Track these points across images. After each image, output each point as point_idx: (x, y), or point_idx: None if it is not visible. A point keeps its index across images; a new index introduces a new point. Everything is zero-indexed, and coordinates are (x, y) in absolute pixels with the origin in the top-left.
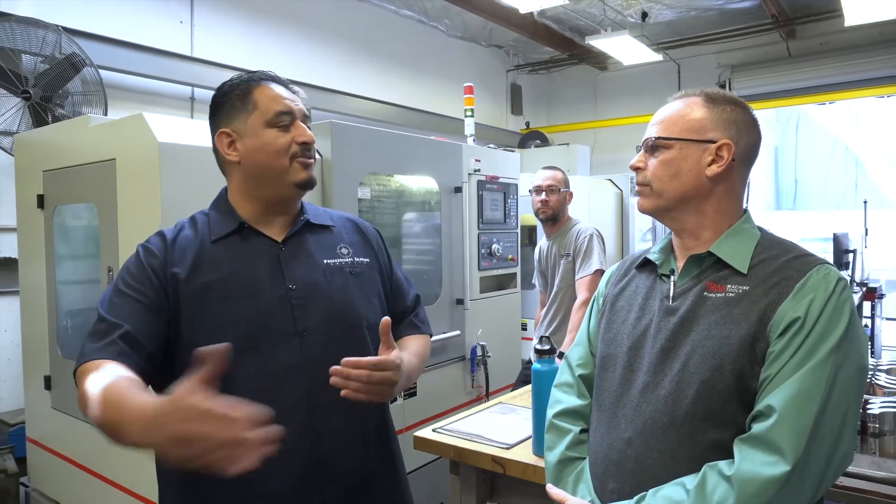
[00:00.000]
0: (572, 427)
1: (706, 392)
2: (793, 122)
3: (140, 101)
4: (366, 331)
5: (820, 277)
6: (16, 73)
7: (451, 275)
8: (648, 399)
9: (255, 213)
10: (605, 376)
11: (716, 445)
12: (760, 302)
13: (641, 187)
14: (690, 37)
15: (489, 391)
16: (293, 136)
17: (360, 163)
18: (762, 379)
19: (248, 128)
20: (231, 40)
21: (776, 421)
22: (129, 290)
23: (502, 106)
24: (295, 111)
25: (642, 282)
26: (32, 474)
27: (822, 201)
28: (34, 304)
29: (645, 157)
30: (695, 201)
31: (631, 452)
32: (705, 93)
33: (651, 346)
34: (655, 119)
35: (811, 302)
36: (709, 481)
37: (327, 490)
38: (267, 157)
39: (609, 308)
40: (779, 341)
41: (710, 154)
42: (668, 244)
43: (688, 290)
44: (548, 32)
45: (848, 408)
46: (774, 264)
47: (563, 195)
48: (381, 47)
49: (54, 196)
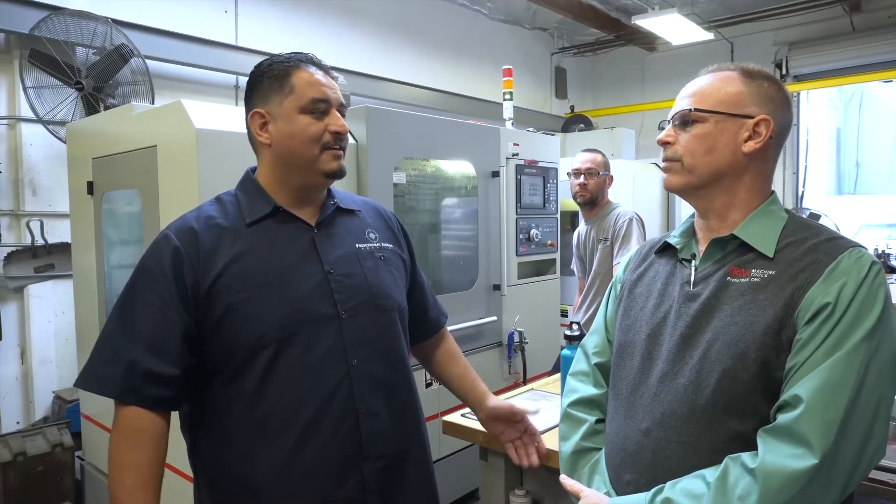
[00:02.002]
0: (588, 417)
1: (728, 381)
2: (855, 101)
3: (185, 90)
4: (397, 314)
5: (852, 261)
6: (69, 65)
7: (487, 260)
8: (667, 388)
9: (286, 197)
10: (622, 364)
11: (737, 437)
12: (787, 287)
13: (670, 163)
14: (745, 13)
15: (527, 378)
16: (326, 125)
17: (395, 147)
18: (788, 367)
19: (283, 111)
20: (274, 28)
21: (803, 411)
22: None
23: (546, 90)
24: (331, 99)
25: (662, 267)
26: (87, 448)
27: (885, 185)
28: (86, 288)
29: (675, 131)
30: (728, 179)
31: (648, 443)
32: (741, 67)
33: (671, 333)
34: (687, 91)
35: (842, 287)
36: (731, 474)
37: (365, 470)
38: (298, 145)
39: (627, 294)
40: (807, 328)
41: (748, 130)
42: (690, 227)
43: (710, 274)
44: (593, 13)
45: (880, 399)
46: (802, 247)
47: (603, 178)
48: (423, 32)
49: (102, 183)
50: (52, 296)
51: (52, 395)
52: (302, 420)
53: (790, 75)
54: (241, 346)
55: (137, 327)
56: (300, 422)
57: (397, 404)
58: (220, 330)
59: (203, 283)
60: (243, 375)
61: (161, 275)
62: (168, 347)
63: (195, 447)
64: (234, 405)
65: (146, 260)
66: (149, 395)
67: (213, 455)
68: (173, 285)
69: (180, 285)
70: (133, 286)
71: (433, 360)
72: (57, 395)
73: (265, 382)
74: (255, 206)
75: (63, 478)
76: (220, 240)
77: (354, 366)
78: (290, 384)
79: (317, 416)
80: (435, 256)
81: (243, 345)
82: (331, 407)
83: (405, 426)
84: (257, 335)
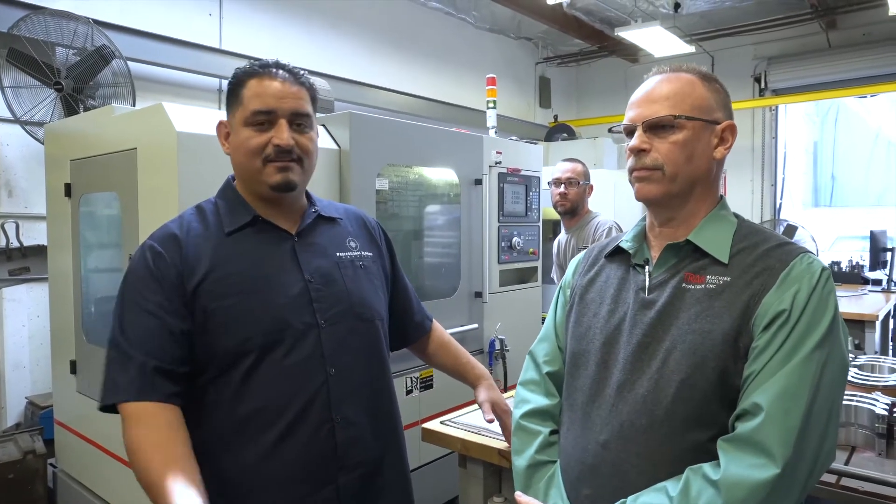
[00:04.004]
0: (541, 428)
1: (687, 391)
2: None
3: (168, 93)
4: (378, 323)
5: (804, 267)
6: (49, 65)
7: (469, 268)
8: (625, 399)
9: (260, 206)
10: (576, 374)
11: (697, 447)
12: (743, 294)
13: (649, 171)
14: (725, 28)
15: (508, 385)
16: (269, 138)
17: (378, 154)
18: (746, 375)
19: (234, 123)
20: (259, 32)
21: (763, 420)
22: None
23: (530, 98)
24: (278, 109)
25: (614, 272)
26: (60, 455)
27: (860, 198)
28: (62, 291)
29: (648, 137)
30: (700, 187)
31: (608, 456)
32: (697, 71)
33: (626, 341)
34: (652, 95)
35: (796, 293)
36: (693, 486)
37: (341, 480)
38: (242, 157)
39: (578, 300)
40: (763, 335)
41: (717, 136)
42: (641, 231)
43: (665, 281)
44: (577, 24)
45: (833, 404)
46: (755, 253)
47: (583, 188)
48: (408, 40)
49: (80, 185)
50: (26, 299)
51: (25, 401)
52: (279, 426)
53: (769, 89)
54: (222, 351)
55: (137, 334)
56: (277, 427)
57: (375, 413)
58: (204, 335)
59: (188, 287)
60: (224, 379)
61: (152, 281)
62: (168, 348)
63: None
64: (214, 406)
65: (132, 270)
66: (163, 391)
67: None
68: (164, 290)
69: (168, 289)
70: (123, 298)
71: (426, 356)
72: (30, 401)
73: (245, 387)
74: (235, 215)
75: (34, 485)
76: (201, 247)
77: (332, 375)
78: (270, 390)
79: (294, 423)
80: (417, 263)
81: (224, 350)
82: (308, 414)
83: (382, 436)
84: (239, 342)
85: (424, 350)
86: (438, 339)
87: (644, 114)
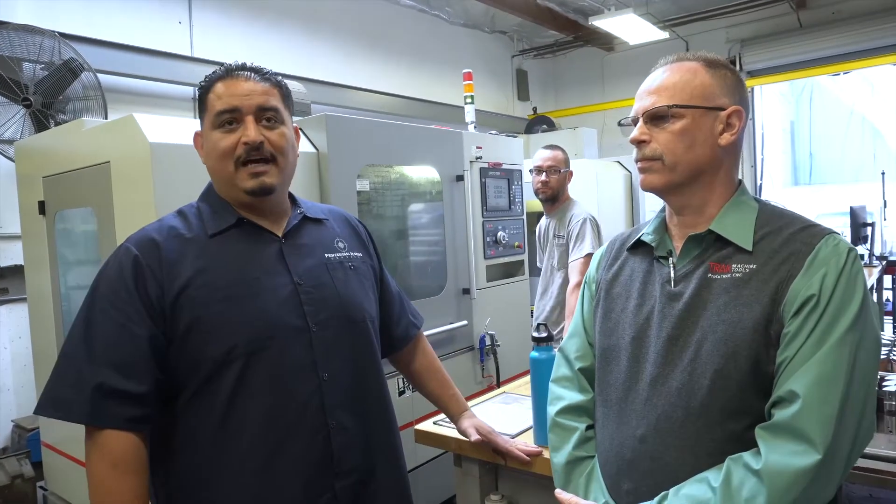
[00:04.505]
0: (577, 424)
1: (721, 382)
2: (806, 95)
3: (141, 104)
4: (369, 325)
5: (830, 249)
6: (16, 81)
7: (455, 264)
8: (659, 392)
9: (243, 210)
10: (608, 369)
11: (734, 437)
12: (771, 280)
13: (649, 162)
14: (697, 12)
15: (500, 380)
16: (238, 138)
17: (357, 155)
18: (779, 362)
19: (205, 130)
20: (231, 38)
21: (801, 407)
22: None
23: (508, 92)
24: (242, 107)
25: (637, 265)
26: (49, 478)
27: (838, 175)
28: (41, 311)
29: (648, 128)
30: (707, 174)
31: (646, 450)
32: (702, 57)
33: (656, 334)
34: (653, 86)
35: (824, 276)
36: (734, 476)
37: (337, 486)
38: (214, 163)
39: (605, 295)
40: (794, 321)
41: (721, 122)
42: (662, 223)
43: (690, 272)
44: (551, 15)
45: (869, 385)
46: (779, 238)
47: (564, 175)
48: (382, 39)
49: (54, 202)
50: (6, 321)
51: (10, 424)
52: (272, 436)
53: (744, 71)
54: (208, 360)
55: (100, 345)
56: (271, 437)
57: (369, 418)
58: (187, 344)
59: (168, 294)
60: (211, 390)
61: (122, 288)
62: (135, 364)
63: (156, 464)
64: (201, 421)
65: (105, 273)
66: (120, 415)
67: (177, 472)
68: (136, 298)
69: (143, 297)
70: (92, 302)
71: (410, 373)
72: (16, 424)
73: (235, 397)
74: (219, 217)
75: None
76: (183, 251)
77: (325, 380)
78: (260, 399)
79: (288, 432)
80: (403, 263)
81: (210, 359)
82: (302, 422)
83: (377, 439)
84: (226, 349)
85: (409, 367)
86: (426, 361)
87: (644, 105)
